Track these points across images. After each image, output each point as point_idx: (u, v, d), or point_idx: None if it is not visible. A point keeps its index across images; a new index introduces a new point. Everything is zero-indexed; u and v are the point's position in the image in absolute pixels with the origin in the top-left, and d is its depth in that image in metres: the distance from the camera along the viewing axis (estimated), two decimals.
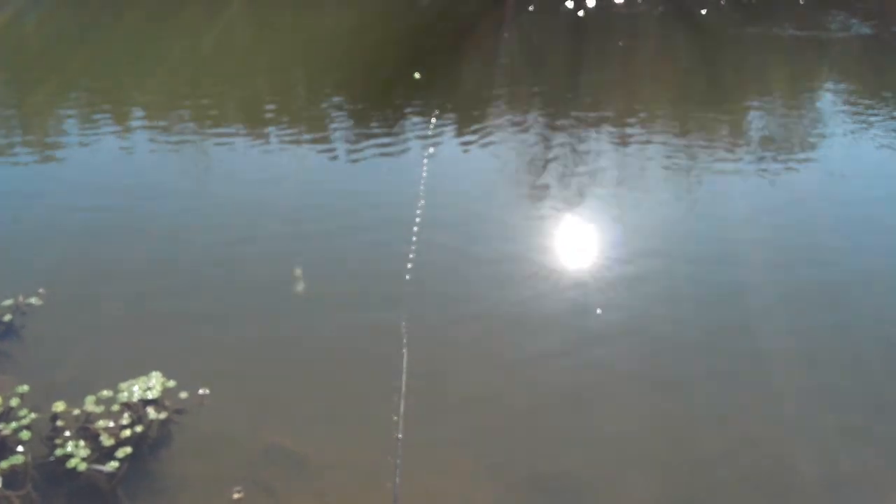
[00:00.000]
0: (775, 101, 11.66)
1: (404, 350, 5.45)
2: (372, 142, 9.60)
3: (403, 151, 9.32)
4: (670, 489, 4.54)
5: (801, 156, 9.45)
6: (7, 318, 5.75)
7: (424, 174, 8.20)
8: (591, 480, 4.57)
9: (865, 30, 15.32)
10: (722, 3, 16.94)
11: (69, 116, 10.51)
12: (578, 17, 16.03)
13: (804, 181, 8.72)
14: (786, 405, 5.16)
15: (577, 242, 7.18)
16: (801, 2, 16.86)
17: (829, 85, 12.71)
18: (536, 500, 4.44)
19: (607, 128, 10.14)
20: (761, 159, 9.19)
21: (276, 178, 8.48)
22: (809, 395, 5.27)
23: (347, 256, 6.85)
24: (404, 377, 5.18)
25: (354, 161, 9.06)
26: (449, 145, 9.50)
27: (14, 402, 4.97)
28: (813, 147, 9.76)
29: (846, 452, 4.79)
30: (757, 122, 10.77)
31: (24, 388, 5.07)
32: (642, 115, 10.61)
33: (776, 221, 7.61)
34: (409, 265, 6.51)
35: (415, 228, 7.04)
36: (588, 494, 4.49)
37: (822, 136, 10.13)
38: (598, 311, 6.04)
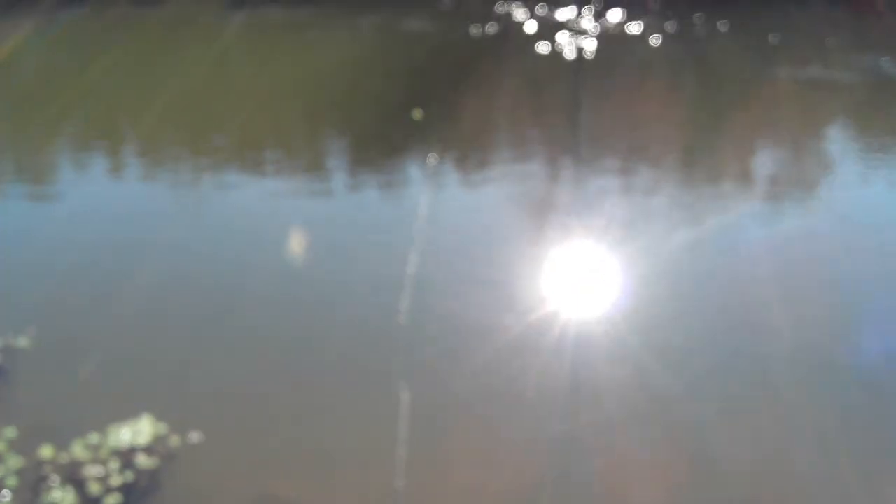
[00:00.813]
0: (788, 145, 11.64)
1: (404, 396, 5.34)
2: (370, 180, 9.58)
3: (402, 191, 9.28)
4: None
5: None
6: None
7: (421, 215, 8.14)
8: None
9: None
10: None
11: (61, 152, 10.46)
12: (584, 56, 16.13)
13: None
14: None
15: (577, 288, 7.08)
16: (827, 44, 16.72)
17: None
18: None
19: (611, 167, 10.11)
20: (771, 203, 9.13)
21: (272, 216, 8.41)
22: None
23: (342, 300, 6.74)
24: (403, 424, 5.07)
25: (350, 200, 9.02)
26: (448, 186, 9.47)
27: (1, 446, 4.84)
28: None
29: None
30: (766, 165, 10.73)
31: (12, 431, 4.94)
32: (648, 155, 10.58)
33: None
34: (404, 310, 6.41)
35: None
36: None
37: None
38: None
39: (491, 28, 17.35)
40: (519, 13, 18.78)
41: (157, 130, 11.28)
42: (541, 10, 18.93)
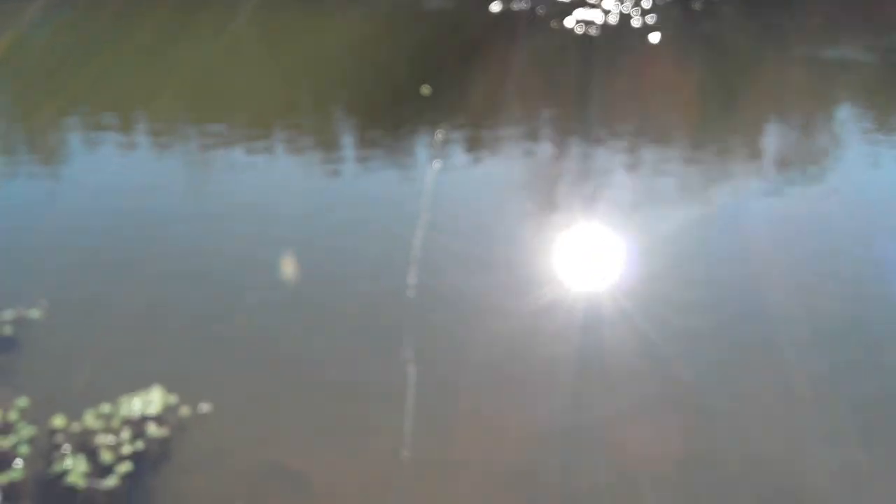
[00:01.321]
0: (795, 121, 11.57)
1: (410, 366, 5.37)
2: (378, 154, 9.57)
3: (409, 165, 9.28)
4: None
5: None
6: (7, 330, 5.69)
7: (428, 189, 8.14)
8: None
9: None
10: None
11: (75, 130, 10.50)
12: (591, 34, 16.02)
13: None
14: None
15: (585, 264, 7.10)
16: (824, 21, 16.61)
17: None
18: None
19: (619, 145, 10.06)
20: (778, 180, 9.09)
21: (282, 191, 8.44)
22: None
23: (352, 269, 6.79)
24: (410, 395, 5.10)
25: (359, 173, 9.02)
26: (456, 160, 9.45)
27: (13, 415, 4.91)
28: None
29: None
30: (774, 142, 10.68)
31: (24, 401, 5.01)
32: (655, 133, 10.53)
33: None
34: (411, 284, 6.45)
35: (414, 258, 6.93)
36: None
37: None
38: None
39: (509, 5, 17.24)
40: None
41: (171, 108, 11.30)
42: None
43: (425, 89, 11.22)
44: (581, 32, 15.78)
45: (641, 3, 18.04)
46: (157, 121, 10.73)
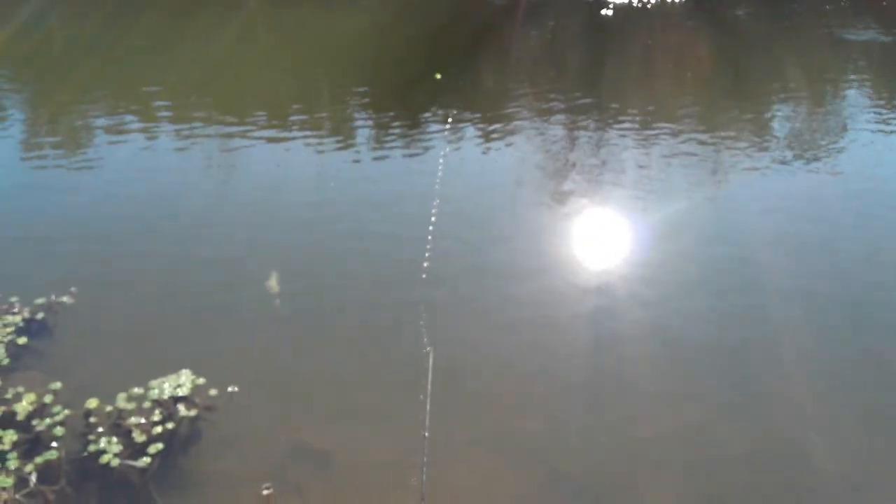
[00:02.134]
0: (803, 100, 11.55)
1: (429, 349, 5.48)
2: (392, 140, 9.66)
3: (423, 149, 9.36)
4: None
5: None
6: (40, 315, 5.86)
7: (440, 172, 8.24)
8: (613, 483, 4.60)
9: None
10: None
11: (94, 119, 10.65)
12: (602, 14, 15.96)
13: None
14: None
15: (597, 245, 7.20)
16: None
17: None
18: (558, 499, 4.47)
19: (629, 126, 10.10)
20: (785, 158, 9.14)
21: (297, 178, 8.57)
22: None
23: (369, 254, 6.92)
24: (430, 375, 5.22)
25: (375, 158, 9.13)
26: (468, 144, 9.54)
27: (48, 398, 5.07)
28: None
29: None
30: (784, 120, 10.69)
31: (57, 385, 5.18)
32: (665, 113, 10.56)
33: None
34: (427, 264, 6.56)
35: (430, 236, 7.02)
36: (609, 497, 4.52)
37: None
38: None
39: None
40: None
41: (186, 95, 11.43)
42: None
43: (438, 75, 11.27)
44: (592, 11, 15.76)
45: None
46: (173, 108, 10.87)
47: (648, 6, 16.42)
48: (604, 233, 7.40)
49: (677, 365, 5.56)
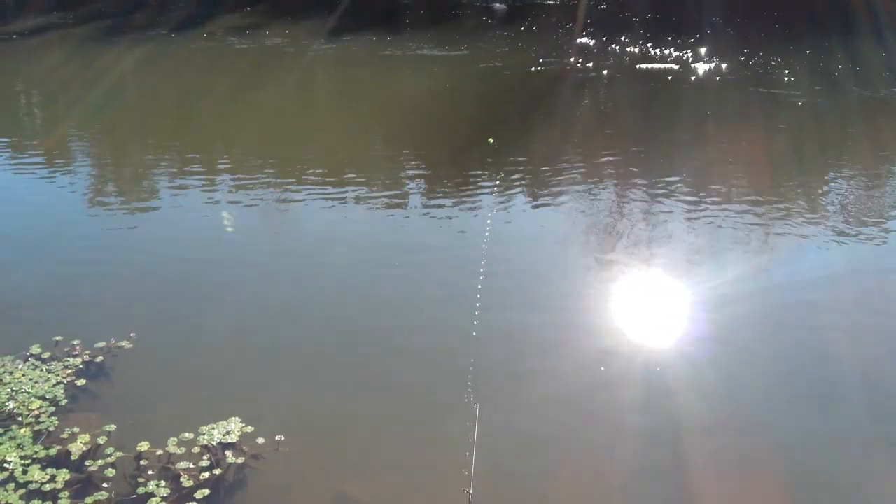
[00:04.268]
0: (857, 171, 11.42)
1: (476, 406, 5.47)
2: (445, 200, 9.83)
3: (473, 210, 9.51)
4: None
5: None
6: (99, 359, 6.05)
7: (488, 233, 8.35)
8: None
9: None
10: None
11: (162, 174, 11.07)
12: (652, 85, 16.17)
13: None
14: None
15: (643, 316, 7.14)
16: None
17: None
18: None
19: (680, 194, 10.07)
20: (839, 230, 9.00)
21: (353, 235, 8.74)
22: None
23: (419, 310, 7.03)
24: (476, 431, 5.20)
25: (426, 216, 9.32)
26: (517, 207, 9.66)
27: (101, 440, 5.21)
28: None
29: None
30: (838, 191, 10.56)
31: (112, 426, 5.31)
32: (716, 182, 10.51)
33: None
34: (476, 322, 6.60)
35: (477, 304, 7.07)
36: None
37: None
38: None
39: (563, 62, 17.69)
40: (591, 46, 19.14)
41: (248, 152, 11.83)
42: (613, 45, 19.21)
43: (490, 140, 11.48)
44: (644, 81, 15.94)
45: (701, 52, 18.19)
46: (235, 165, 11.25)
47: (701, 78, 16.61)
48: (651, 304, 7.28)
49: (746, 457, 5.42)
